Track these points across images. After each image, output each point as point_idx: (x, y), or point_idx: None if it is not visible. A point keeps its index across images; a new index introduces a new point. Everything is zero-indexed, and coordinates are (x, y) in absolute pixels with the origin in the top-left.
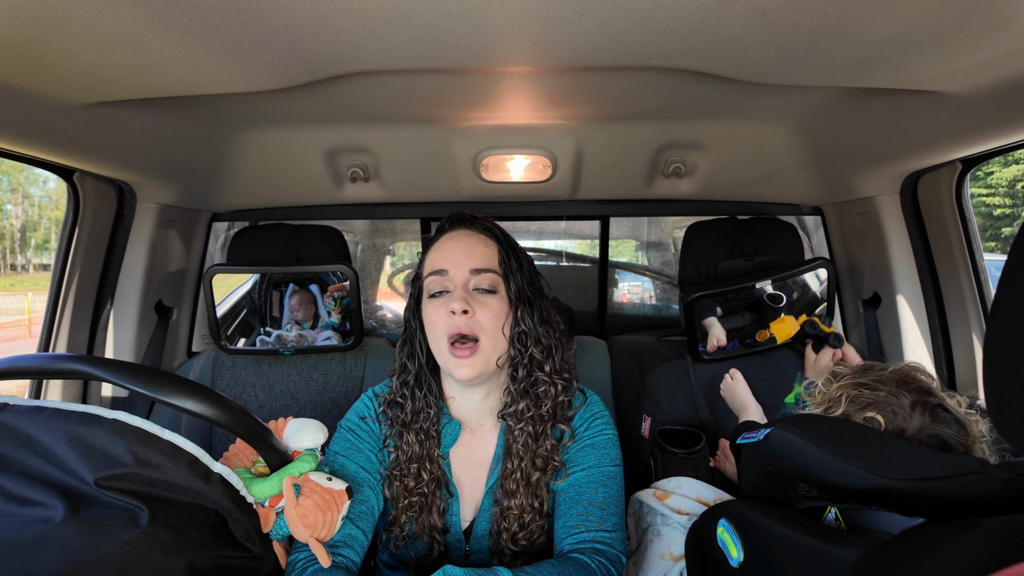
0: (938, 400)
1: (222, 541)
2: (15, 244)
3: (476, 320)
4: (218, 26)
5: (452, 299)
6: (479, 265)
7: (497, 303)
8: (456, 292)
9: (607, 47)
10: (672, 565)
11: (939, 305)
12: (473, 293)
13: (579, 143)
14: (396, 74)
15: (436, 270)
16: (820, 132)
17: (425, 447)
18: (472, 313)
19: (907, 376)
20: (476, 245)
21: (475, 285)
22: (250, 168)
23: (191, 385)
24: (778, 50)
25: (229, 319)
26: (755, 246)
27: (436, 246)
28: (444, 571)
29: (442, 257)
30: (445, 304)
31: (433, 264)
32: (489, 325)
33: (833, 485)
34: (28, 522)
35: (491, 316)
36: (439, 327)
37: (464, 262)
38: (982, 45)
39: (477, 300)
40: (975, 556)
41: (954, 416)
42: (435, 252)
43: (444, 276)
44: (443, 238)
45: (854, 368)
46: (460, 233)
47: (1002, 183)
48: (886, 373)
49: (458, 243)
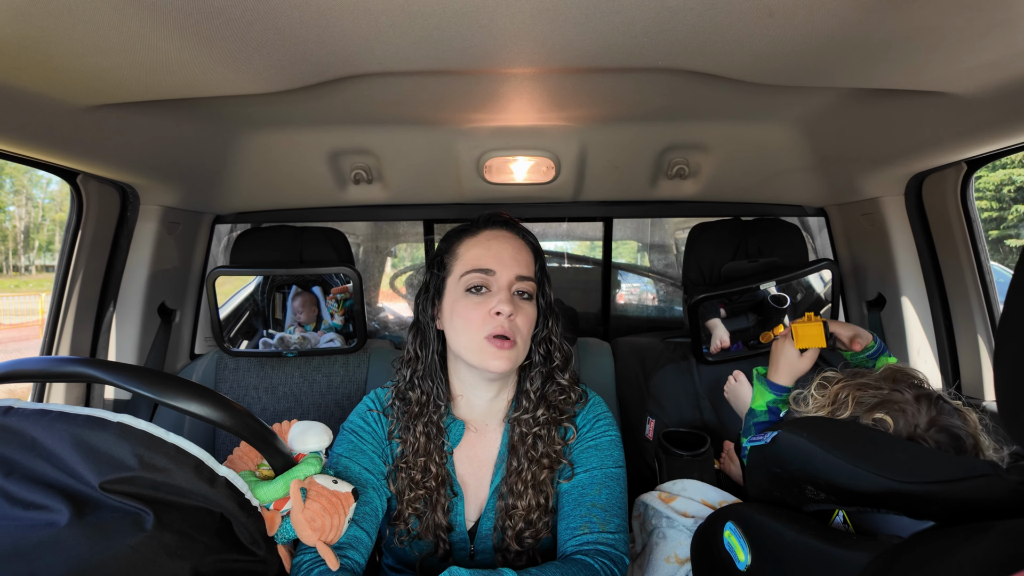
0: (936, 392)
1: (227, 545)
2: (18, 246)
3: (515, 323)
4: (223, 29)
5: (500, 301)
6: (524, 272)
7: (531, 310)
8: (503, 294)
9: (613, 49)
10: (678, 568)
11: (944, 307)
12: (513, 296)
13: (582, 144)
14: (400, 76)
15: (482, 268)
16: (824, 133)
17: (432, 441)
18: (514, 316)
19: (899, 373)
20: (520, 250)
21: (517, 289)
22: (253, 170)
23: (195, 388)
24: (785, 51)
25: (232, 321)
26: (759, 247)
27: (477, 241)
28: (450, 572)
29: (489, 256)
30: (486, 303)
31: (477, 261)
32: (524, 329)
33: (842, 488)
34: (33, 526)
35: (527, 321)
36: (476, 323)
37: (512, 266)
38: (989, 46)
39: (517, 304)
40: (989, 560)
41: (953, 406)
42: (477, 248)
43: (489, 275)
44: (484, 234)
45: (845, 374)
46: (503, 234)
47: (989, 187)
48: (877, 373)
49: (505, 245)
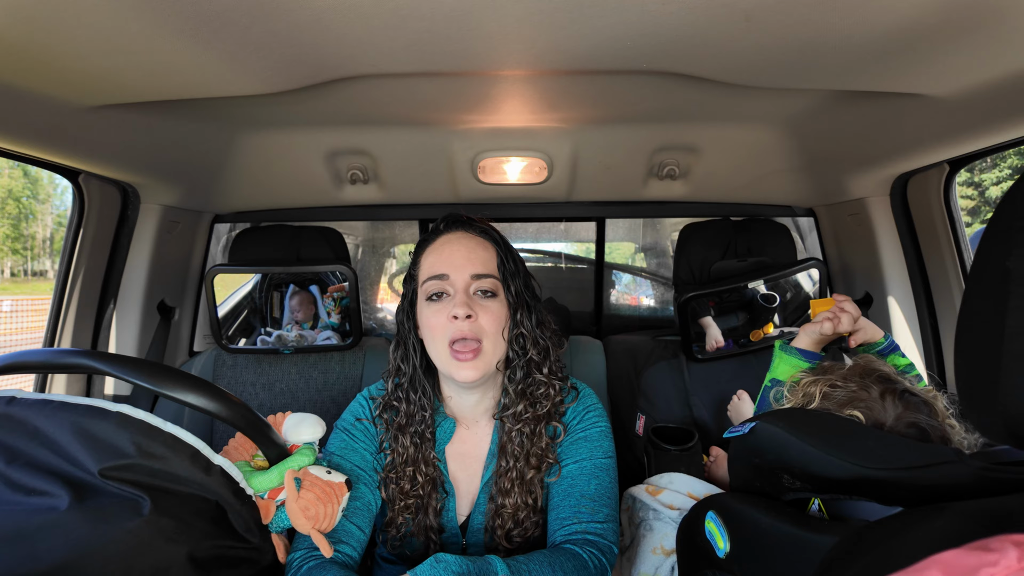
0: (902, 385)
1: (222, 532)
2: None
3: (478, 324)
4: (222, 31)
5: (455, 304)
6: (480, 270)
7: (498, 307)
8: (458, 297)
9: (599, 51)
10: (664, 559)
11: (929, 304)
12: (474, 297)
13: (574, 145)
14: (394, 77)
15: (436, 274)
16: (810, 135)
17: (420, 450)
18: (475, 317)
19: (867, 367)
20: (475, 248)
21: (476, 289)
22: (251, 170)
23: (194, 380)
24: (764, 54)
25: (230, 319)
26: (749, 247)
27: (433, 248)
28: (436, 557)
29: (441, 261)
30: (445, 309)
31: (432, 268)
32: (491, 328)
33: (815, 476)
34: (35, 510)
35: (493, 319)
36: (439, 331)
37: (465, 267)
38: (962, 49)
39: (479, 304)
40: (941, 536)
41: (921, 398)
42: (432, 255)
43: (444, 280)
44: (440, 240)
45: (816, 370)
46: (458, 235)
47: None
48: (846, 369)
49: (457, 246)
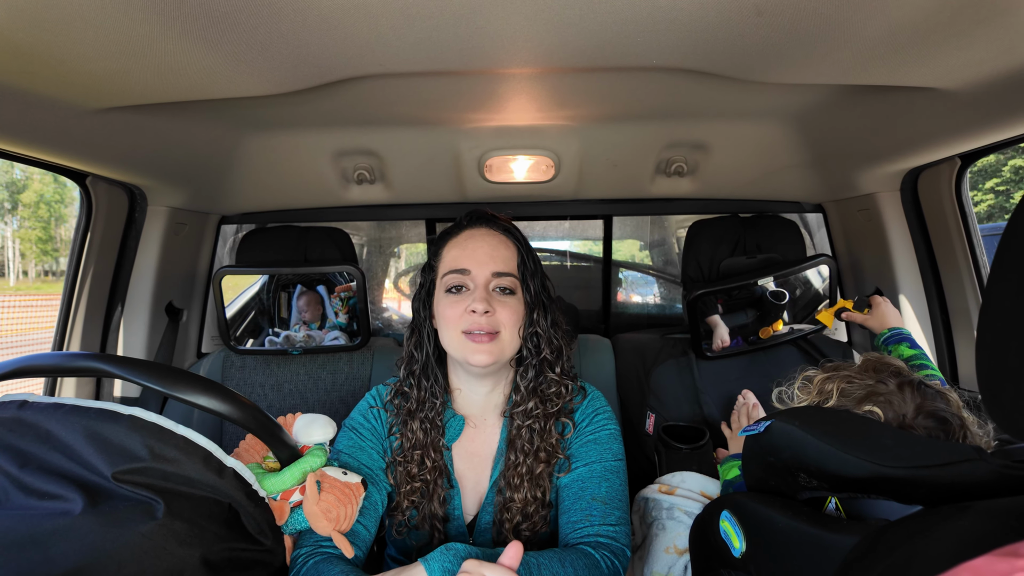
0: (917, 378)
1: (235, 534)
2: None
3: (496, 318)
4: (229, 32)
5: (474, 299)
6: (501, 268)
7: (516, 303)
8: (478, 292)
9: (607, 48)
10: (677, 559)
11: (941, 300)
12: (493, 293)
13: (582, 143)
14: (401, 77)
15: (457, 268)
16: (820, 130)
17: (429, 436)
18: (493, 312)
19: (879, 362)
20: (498, 246)
21: (496, 286)
22: (258, 171)
23: (206, 382)
24: (775, 49)
25: (238, 320)
26: (758, 244)
27: (456, 242)
28: (446, 547)
29: (464, 255)
30: (463, 302)
31: (454, 262)
32: (508, 321)
33: (832, 475)
34: (49, 515)
35: (510, 313)
36: (455, 322)
37: (487, 263)
38: (975, 42)
39: (497, 300)
40: (967, 536)
41: (935, 389)
42: (455, 248)
43: (465, 275)
44: (464, 235)
45: (825, 368)
46: (482, 232)
47: None
48: (858, 366)
49: (481, 243)
